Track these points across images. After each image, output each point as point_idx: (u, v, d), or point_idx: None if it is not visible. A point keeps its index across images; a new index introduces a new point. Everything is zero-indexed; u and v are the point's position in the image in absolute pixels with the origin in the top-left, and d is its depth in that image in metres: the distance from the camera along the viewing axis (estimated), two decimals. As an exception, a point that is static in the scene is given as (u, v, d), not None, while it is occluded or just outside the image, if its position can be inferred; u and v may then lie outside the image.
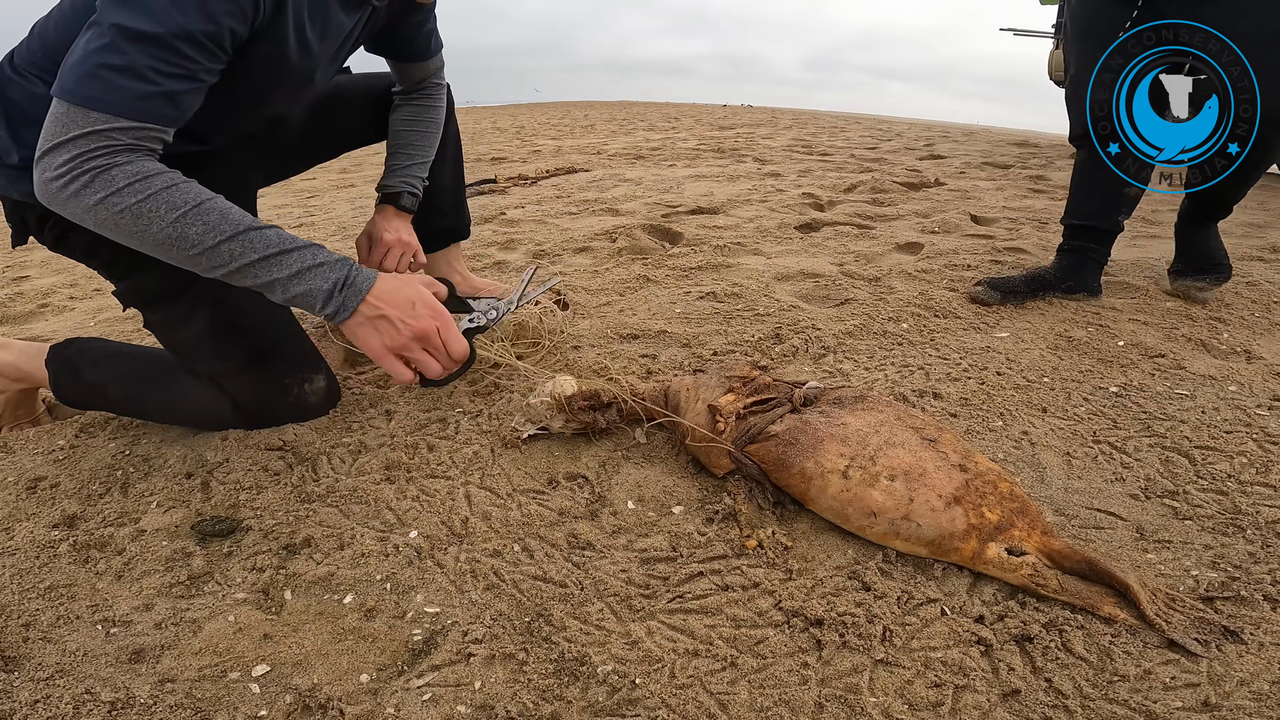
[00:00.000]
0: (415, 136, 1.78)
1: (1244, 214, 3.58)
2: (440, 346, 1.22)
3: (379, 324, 1.18)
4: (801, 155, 5.84)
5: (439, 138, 1.83)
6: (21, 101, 1.23)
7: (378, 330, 1.18)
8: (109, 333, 2.11)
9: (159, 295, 1.38)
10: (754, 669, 0.91)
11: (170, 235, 1.09)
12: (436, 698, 0.87)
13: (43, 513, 1.23)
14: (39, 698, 0.87)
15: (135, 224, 1.08)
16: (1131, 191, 2.08)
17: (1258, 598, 0.99)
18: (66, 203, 1.07)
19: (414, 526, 1.18)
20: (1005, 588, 1.02)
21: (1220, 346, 1.83)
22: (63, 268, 2.95)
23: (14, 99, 1.24)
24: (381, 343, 1.19)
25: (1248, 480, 1.27)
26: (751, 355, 1.79)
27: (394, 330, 1.18)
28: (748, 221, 3.25)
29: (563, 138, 7.82)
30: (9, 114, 1.25)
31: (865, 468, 1.12)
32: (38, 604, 1.03)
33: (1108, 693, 0.86)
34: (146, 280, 1.37)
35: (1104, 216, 2.13)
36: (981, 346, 1.84)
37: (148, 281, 1.37)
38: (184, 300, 1.37)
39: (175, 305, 1.38)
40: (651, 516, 1.20)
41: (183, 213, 1.09)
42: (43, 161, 1.06)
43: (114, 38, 1.03)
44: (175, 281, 1.34)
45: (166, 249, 1.10)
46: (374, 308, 1.17)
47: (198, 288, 1.35)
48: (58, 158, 1.05)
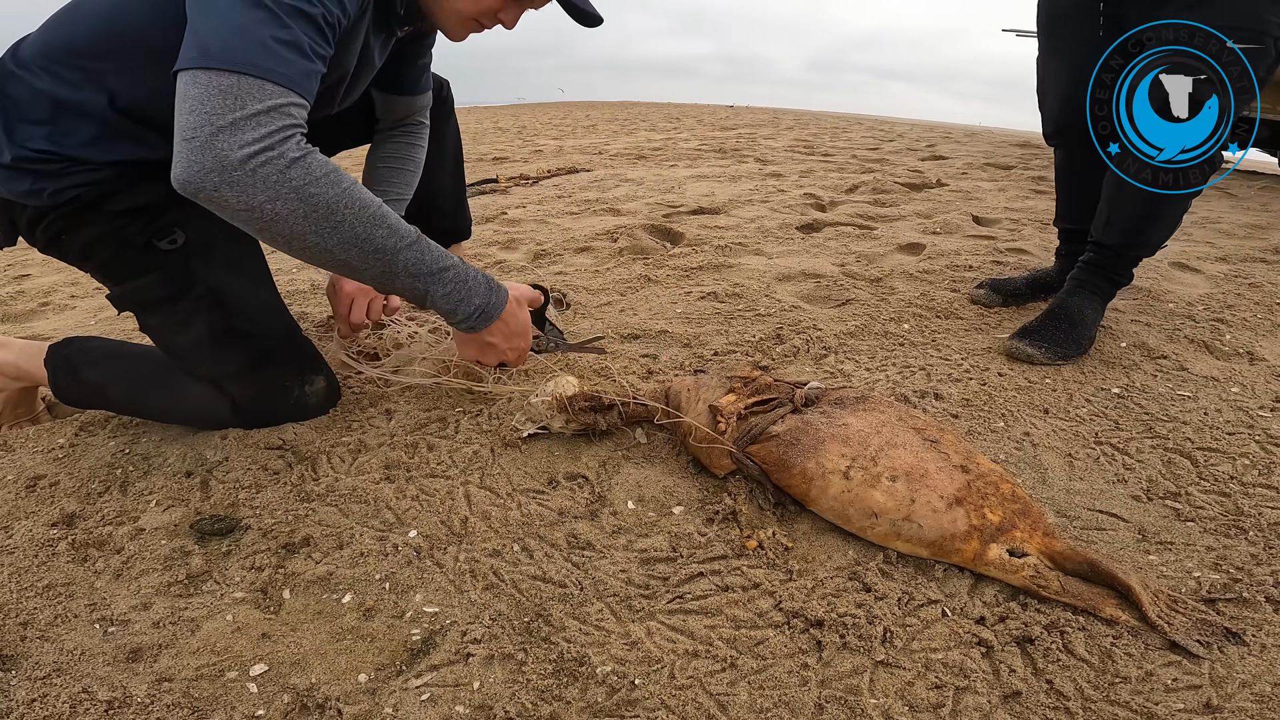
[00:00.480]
0: (394, 175, 1.74)
1: (1246, 215, 3.58)
2: (511, 365, 1.39)
3: (485, 347, 1.34)
4: (803, 156, 5.84)
5: (418, 178, 1.79)
6: (20, 98, 1.22)
7: (480, 349, 1.34)
8: (109, 331, 2.11)
9: (157, 300, 1.36)
10: (754, 670, 0.91)
11: (359, 236, 1.06)
12: (435, 698, 0.87)
13: (42, 511, 1.23)
14: (36, 696, 0.87)
15: (327, 220, 1.03)
16: None
17: (1260, 599, 0.99)
18: (251, 187, 0.98)
19: (413, 526, 1.18)
20: (1007, 589, 1.02)
21: (1223, 348, 1.83)
22: (63, 266, 2.95)
23: (13, 95, 1.22)
24: (475, 355, 1.35)
25: (1250, 482, 1.27)
26: (753, 355, 1.79)
27: (492, 353, 1.35)
28: (749, 222, 3.25)
29: (564, 138, 7.83)
30: (5, 111, 1.23)
31: (866, 468, 1.12)
32: (36, 602, 1.03)
33: (1109, 694, 0.86)
34: (144, 284, 1.35)
35: (1086, 218, 2.11)
36: (983, 347, 1.83)
37: (145, 286, 1.35)
38: (182, 304, 1.35)
39: (174, 309, 1.36)
40: (651, 517, 1.20)
41: (371, 214, 1.06)
42: (220, 139, 0.96)
43: (274, 10, 0.99)
44: (174, 286, 1.33)
45: (345, 249, 1.07)
46: (490, 333, 1.31)
47: (196, 291, 1.34)
48: (244, 135, 0.97)
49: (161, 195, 1.29)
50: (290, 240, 1.05)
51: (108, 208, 1.28)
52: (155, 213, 1.31)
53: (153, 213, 1.31)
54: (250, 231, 1.05)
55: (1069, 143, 2.03)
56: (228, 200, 0.99)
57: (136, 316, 1.41)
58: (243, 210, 1.00)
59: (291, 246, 1.06)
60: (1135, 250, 1.86)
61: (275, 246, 1.08)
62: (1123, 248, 1.85)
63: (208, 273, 1.36)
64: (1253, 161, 7.51)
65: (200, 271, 1.35)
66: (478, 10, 1.28)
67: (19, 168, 1.22)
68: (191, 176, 0.97)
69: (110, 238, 1.30)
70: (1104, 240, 1.87)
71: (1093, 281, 1.90)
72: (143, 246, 1.32)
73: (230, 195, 0.98)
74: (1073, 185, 2.13)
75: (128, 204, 1.29)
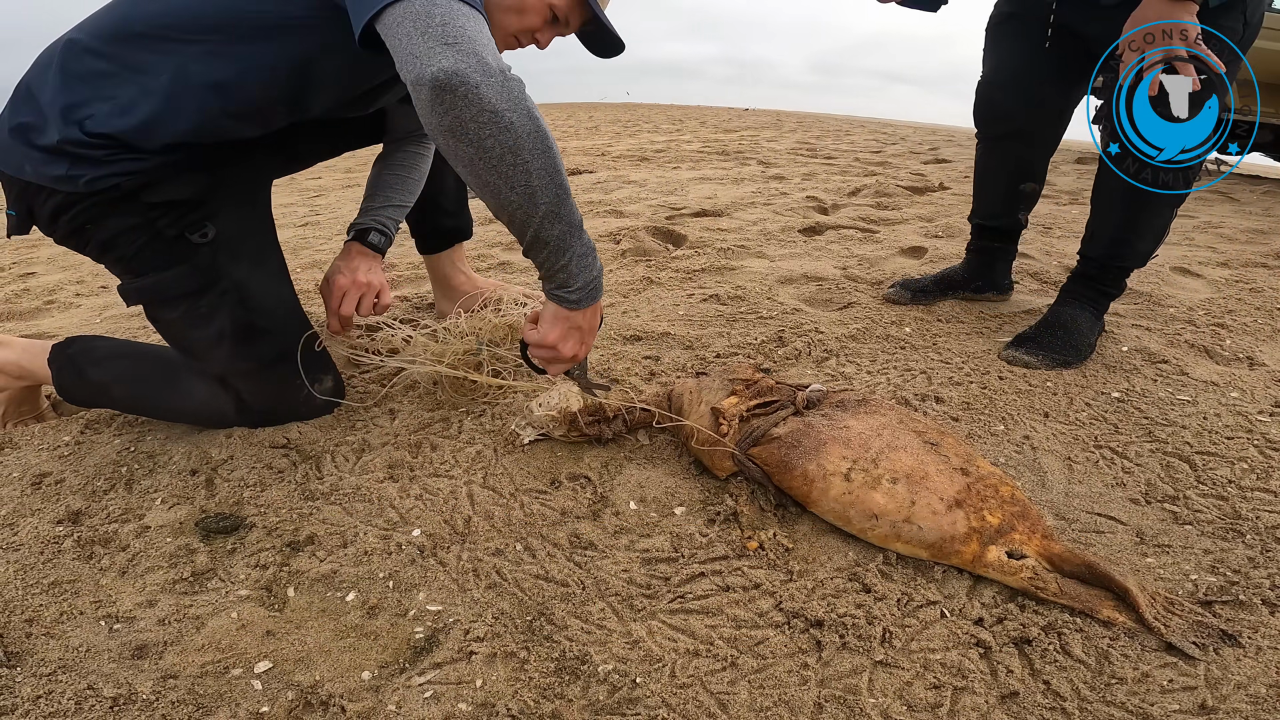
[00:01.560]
0: (398, 182, 1.74)
1: (1248, 220, 3.58)
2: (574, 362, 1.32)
3: (571, 331, 1.26)
4: (806, 158, 5.84)
5: (419, 191, 1.79)
6: (85, 76, 1.21)
7: (566, 332, 1.26)
8: (115, 329, 2.12)
9: (182, 294, 1.35)
10: (754, 669, 0.91)
11: (555, 167, 1.10)
12: (438, 695, 0.88)
13: (47, 508, 1.24)
14: (41, 693, 0.88)
15: (542, 143, 1.07)
16: (1028, 188, 2.12)
17: (1256, 602, 1.00)
18: (503, 91, 1.03)
19: (417, 525, 1.18)
20: (1005, 591, 1.03)
21: (1223, 353, 1.83)
22: (69, 264, 2.96)
23: (77, 73, 1.21)
24: (557, 339, 1.26)
25: (1248, 486, 1.28)
26: (754, 358, 1.80)
27: (574, 339, 1.27)
28: (752, 224, 3.26)
29: (567, 139, 7.84)
30: (67, 89, 1.21)
31: (867, 470, 1.13)
32: (41, 600, 1.03)
33: (1105, 695, 0.87)
34: (170, 277, 1.34)
35: (1005, 215, 2.17)
36: (984, 351, 1.84)
37: (171, 279, 1.34)
38: (206, 299, 1.35)
39: (197, 303, 1.35)
40: (653, 517, 1.20)
41: (553, 146, 1.10)
42: (481, 49, 1.03)
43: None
44: (201, 279, 1.34)
45: (542, 176, 1.09)
46: (583, 316, 1.26)
47: (221, 286, 1.35)
48: (495, 56, 1.05)
49: (200, 188, 1.31)
50: (504, 155, 1.06)
51: (145, 199, 1.28)
52: (190, 206, 1.31)
53: (188, 206, 1.31)
54: (463, 142, 1.06)
55: (1017, 143, 2.06)
56: (483, 98, 1.02)
57: (150, 311, 1.40)
58: (486, 112, 1.03)
59: (501, 162, 1.07)
60: (1122, 261, 1.85)
61: (478, 161, 1.07)
62: (1108, 259, 1.85)
63: (234, 268, 1.37)
64: (1256, 166, 7.52)
65: (227, 266, 1.36)
66: (521, 27, 1.30)
67: (60, 150, 1.21)
68: (460, 67, 1.01)
69: (140, 229, 1.30)
70: (1089, 253, 1.88)
71: (1082, 293, 1.90)
72: (174, 239, 1.31)
73: (488, 94, 1.02)
74: (998, 183, 2.16)
75: (166, 196, 1.29)
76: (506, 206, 1.11)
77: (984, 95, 2.04)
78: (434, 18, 1.02)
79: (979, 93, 2.06)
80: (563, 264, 1.17)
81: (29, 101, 1.24)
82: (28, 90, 1.26)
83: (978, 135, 2.14)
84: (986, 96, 2.04)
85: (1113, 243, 1.83)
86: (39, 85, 1.24)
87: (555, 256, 1.17)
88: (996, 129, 2.07)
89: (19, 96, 1.27)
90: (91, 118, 1.20)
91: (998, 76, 2.00)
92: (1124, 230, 1.80)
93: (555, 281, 1.20)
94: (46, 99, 1.22)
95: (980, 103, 2.06)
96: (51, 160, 1.21)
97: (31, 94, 1.24)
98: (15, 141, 1.23)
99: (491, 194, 1.10)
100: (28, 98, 1.25)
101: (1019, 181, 2.10)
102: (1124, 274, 1.89)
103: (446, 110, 1.02)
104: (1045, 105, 1.95)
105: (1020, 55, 1.93)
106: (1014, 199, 2.13)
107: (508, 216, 1.13)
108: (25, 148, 1.23)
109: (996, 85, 2.00)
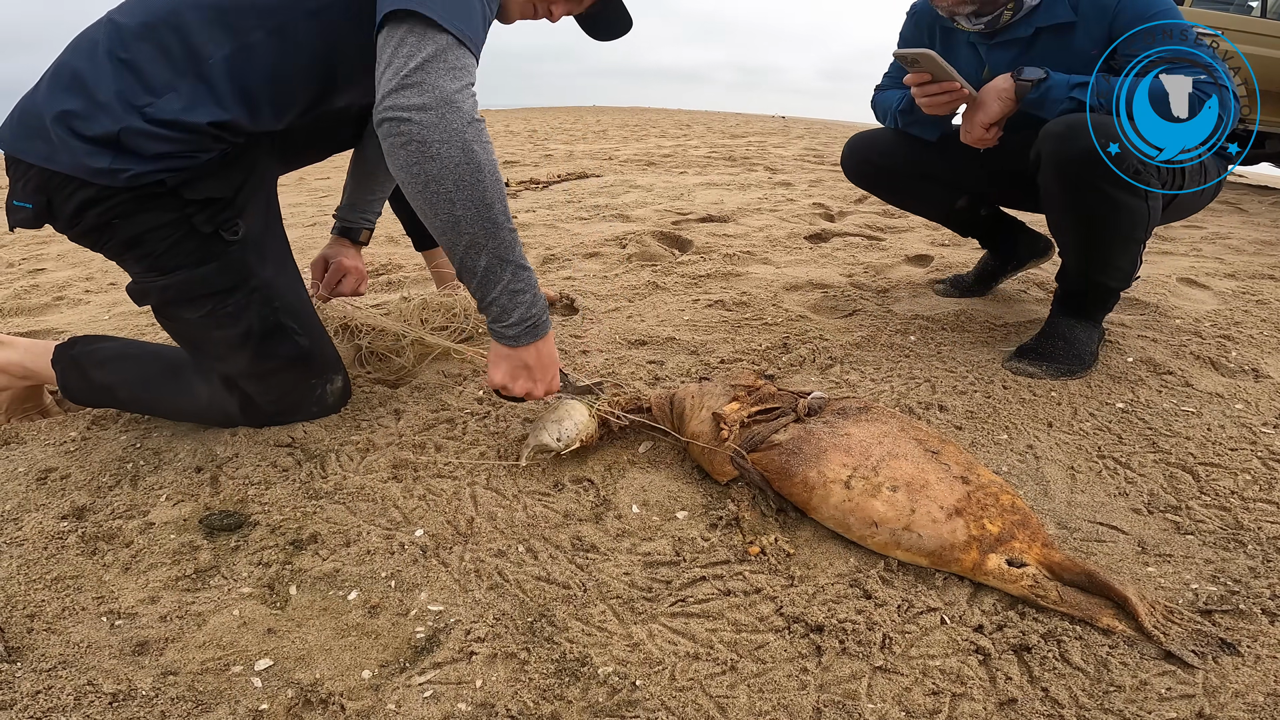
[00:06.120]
0: (383, 170, 1.77)
1: (1256, 231, 3.57)
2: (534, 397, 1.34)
3: (518, 369, 1.30)
4: (813, 165, 5.85)
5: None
6: (148, 62, 1.20)
7: (513, 371, 1.30)
8: (123, 326, 2.13)
9: (210, 292, 1.33)
10: (754, 673, 0.91)
11: (482, 200, 1.13)
12: (438, 695, 0.88)
13: (52, 504, 1.25)
14: (41, 688, 0.88)
15: (474, 175, 1.11)
16: (962, 204, 2.18)
17: (1256, 611, 0.99)
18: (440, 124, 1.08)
19: (420, 525, 1.19)
20: (1005, 598, 1.03)
21: (1228, 364, 1.83)
22: (79, 261, 2.98)
23: (137, 60, 1.20)
24: (504, 378, 1.30)
25: (1250, 496, 1.27)
26: (759, 364, 1.80)
27: (524, 378, 1.30)
28: (758, 230, 3.26)
29: (574, 142, 7.86)
30: (132, 76, 1.19)
31: (868, 478, 1.13)
32: (44, 595, 1.04)
33: (1103, 703, 0.86)
34: (200, 275, 1.32)
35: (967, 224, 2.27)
36: (988, 360, 1.84)
37: (201, 277, 1.32)
38: (235, 298, 1.34)
39: (225, 302, 1.34)
40: (655, 521, 1.21)
41: (499, 189, 1.15)
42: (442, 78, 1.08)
43: None
44: (232, 277, 1.33)
45: (465, 205, 1.13)
46: (529, 357, 1.29)
47: (251, 285, 1.35)
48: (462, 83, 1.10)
49: (235, 185, 1.32)
50: (427, 183, 1.11)
51: (185, 195, 1.26)
52: (224, 203, 1.31)
53: (222, 203, 1.31)
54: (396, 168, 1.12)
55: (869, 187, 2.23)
56: (412, 130, 1.08)
57: (169, 310, 1.37)
58: (414, 142, 1.09)
59: (425, 189, 1.12)
60: (1101, 280, 1.77)
61: (407, 185, 1.13)
62: (1085, 282, 1.79)
63: (262, 267, 1.37)
64: (1264, 176, 7.50)
65: (255, 265, 1.36)
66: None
67: (111, 141, 1.18)
68: (402, 101, 1.08)
69: (175, 225, 1.28)
70: (1068, 287, 1.84)
71: (1074, 306, 1.85)
72: (208, 236, 1.31)
73: (417, 127, 1.08)
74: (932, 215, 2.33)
75: (206, 193, 1.28)
76: (434, 230, 1.17)
77: (847, 149, 2.20)
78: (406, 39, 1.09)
79: (845, 147, 2.21)
80: (493, 296, 1.21)
81: (77, 87, 1.19)
82: (73, 76, 1.20)
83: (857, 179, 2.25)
84: (849, 149, 2.19)
85: (1079, 268, 1.78)
86: (88, 71, 1.19)
87: (483, 288, 1.21)
88: (862, 183, 2.22)
89: (61, 82, 1.21)
90: (153, 105, 1.19)
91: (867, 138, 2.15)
92: (1086, 255, 1.75)
93: (490, 314, 1.25)
94: (100, 85, 1.18)
95: (844, 154, 2.22)
96: (96, 152, 1.18)
97: (80, 80, 1.19)
98: (56, 129, 1.18)
99: (421, 216, 1.16)
100: (74, 83, 1.19)
101: (946, 209, 2.22)
102: (1110, 294, 1.82)
103: (384, 136, 1.10)
104: (902, 165, 2.09)
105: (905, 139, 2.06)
106: (959, 216, 2.24)
107: (437, 240, 1.19)
108: (68, 136, 1.18)
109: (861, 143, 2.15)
